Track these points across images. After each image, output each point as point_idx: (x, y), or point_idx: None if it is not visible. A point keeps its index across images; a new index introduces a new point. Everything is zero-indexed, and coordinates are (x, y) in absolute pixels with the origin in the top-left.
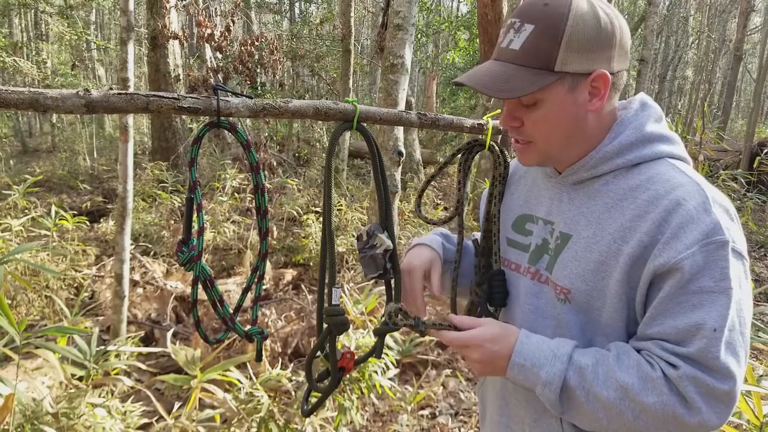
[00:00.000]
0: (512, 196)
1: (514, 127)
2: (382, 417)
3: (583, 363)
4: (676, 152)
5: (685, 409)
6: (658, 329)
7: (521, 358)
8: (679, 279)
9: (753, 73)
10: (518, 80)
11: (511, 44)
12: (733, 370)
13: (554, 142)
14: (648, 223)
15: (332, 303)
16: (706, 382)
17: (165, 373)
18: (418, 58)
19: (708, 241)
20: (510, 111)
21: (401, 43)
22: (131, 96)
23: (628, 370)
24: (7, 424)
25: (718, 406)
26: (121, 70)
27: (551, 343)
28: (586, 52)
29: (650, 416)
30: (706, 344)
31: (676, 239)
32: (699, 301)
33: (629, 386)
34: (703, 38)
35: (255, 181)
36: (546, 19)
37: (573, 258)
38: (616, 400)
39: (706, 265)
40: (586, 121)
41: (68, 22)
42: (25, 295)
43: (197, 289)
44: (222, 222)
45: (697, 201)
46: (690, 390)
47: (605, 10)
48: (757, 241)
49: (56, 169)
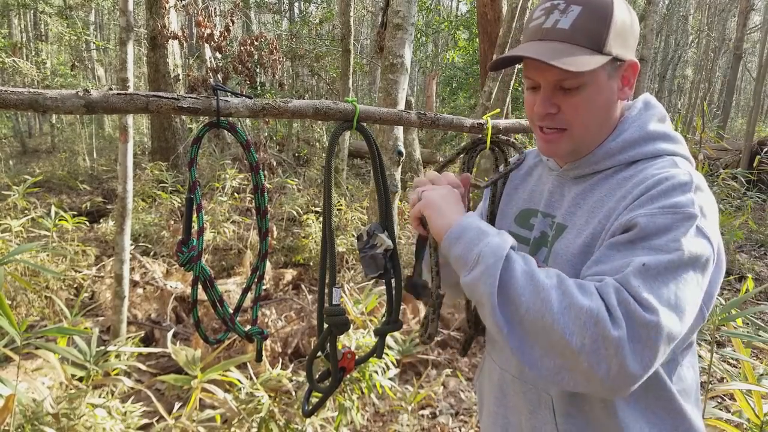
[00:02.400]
0: (517, 191)
1: (551, 114)
2: (382, 417)
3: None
4: (678, 151)
5: (609, 316)
6: (598, 269)
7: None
8: (632, 233)
9: (753, 71)
10: (577, 56)
11: (558, 24)
12: (654, 306)
13: (589, 128)
14: (628, 200)
15: (333, 303)
16: (627, 300)
17: (165, 374)
18: (418, 57)
19: (674, 210)
20: (548, 96)
21: (401, 43)
22: (131, 96)
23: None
24: (8, 425)
25: (639, 337)
26: (121, 70)
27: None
28: (624, 39)
29: (575, 312)
30: (629, 272)
31: (641, 205)
32: (642, 252)
33: (567, 283)
34: (703, 37)
35: (255, 181)
36: (594, 2)
37: (564, 246)
38: (550, 287)
39: (664, 228)
40: (615, 111)
41: (67, 22)
42: (25, 295)
43: (197, 290)
44: (222, 222)
45: (680, 180)
46: (612, 298)
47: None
48: (757, 240)
49: (56, 169)
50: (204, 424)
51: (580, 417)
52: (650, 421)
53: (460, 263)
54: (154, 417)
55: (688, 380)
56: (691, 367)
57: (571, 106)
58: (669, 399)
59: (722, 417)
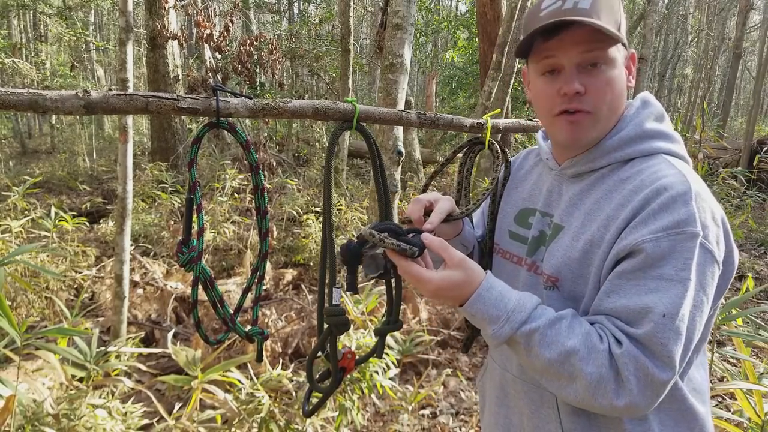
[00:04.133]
0: (517, 190)
1: (579, 94)
2: (383, 417)
3: (534, 326)
4: (674, 150)
5: (616, 387)
6: (611, 306)
7: (472, 311)
8: (640, 261)
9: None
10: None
11: (578, 4)
12: (675, 361)
13: (611, 111)
14: (627, 210)
15: (333, 303)
16: (646, 366)
17: (165, 374)
18: (418, 57)
19: (678, 231)
20: (575, 76)
21: (400, 43)
22: (130, 97)
23: (576, 337)
24: (8, 426)
25: (651, 393)
26: (120, 70)
27: (510, 301)
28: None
29: (583, 384)
30: (653, 328)
31: (644, 224)
32: (656, 286)
33: (573, 352)
34: (703, 36)
35: (255, 181)
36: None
37: (560, 248)
38: (556, 363)
39: (670, 253)
40: (624, 99)
41: (67, 23)
42: (25, 296)
43: (197, 290)
44: (222, 222)
45: (678, 191)
46: (628, 370)
47: None
48: (757, 239)
49: (56, 170)
50: (204, 425)
51: (584, 415)
52: (662, 422)
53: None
54: (155, 417)
55: (698, 379)
56: (701, 366)
57: (595, 87)
58: (681, 399)
59: (723, 416)
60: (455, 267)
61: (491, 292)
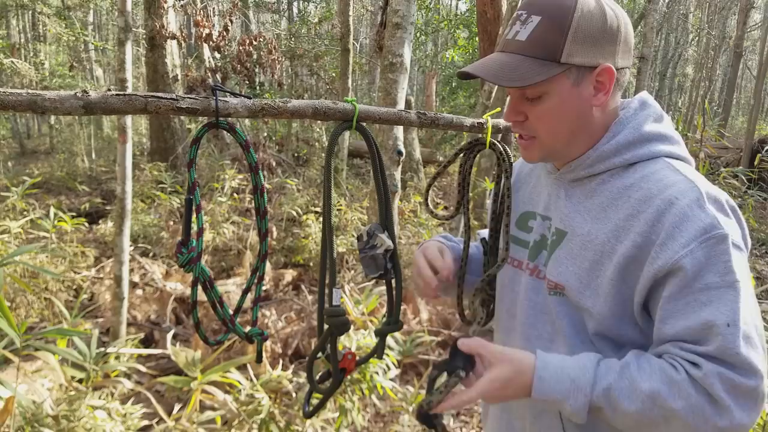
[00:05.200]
0: (517, 194)
1: (518, 121)
2: (383, 418)
3: (605, 384)
4: (675, 151)
5: (714, 409)
6: (672, 331)
7: (542, 395)
8: (682, 278)
9: (753, 70)
10: (525, 70)
11: (517, 35)
12: (755, 364)
13: (558, 136)
14: (641, 222)
15: (333, 303)
16: (731, 378)
17: (165, 375)
18: (417, 56)
19: (707, 237)
20: (514, 105)
21: (400, 42)
22: (129, 97)
23: (651, 377)
24: (8, 427)
25: (747, 404)
26: (119, 70)
27: (570, 369)
28: (591, 45)
29: (680, 420)
30: (722, 341)
31: (672, 239)
32: (707, 299)
33: (655, 393)
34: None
35: (254, 181)
36: (553, 11)
37: (568, 255)
38: (644, 411)
39: (708, 261)
40: (591, 117)
41: (66, 23)
42: (24, 297)
43: (197, 291)
44: (221, 223)
45: (690, 198)
46: (717, 388)
47: (611, 6)
48: (759, 238)
49: (55, 170)
50: (204, 426)
51: (588, 421)
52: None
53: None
54: (154, 418)
55: None
56: None
57: (534, 115)
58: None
59: None
60: (500, 362)
61: (548, 368)
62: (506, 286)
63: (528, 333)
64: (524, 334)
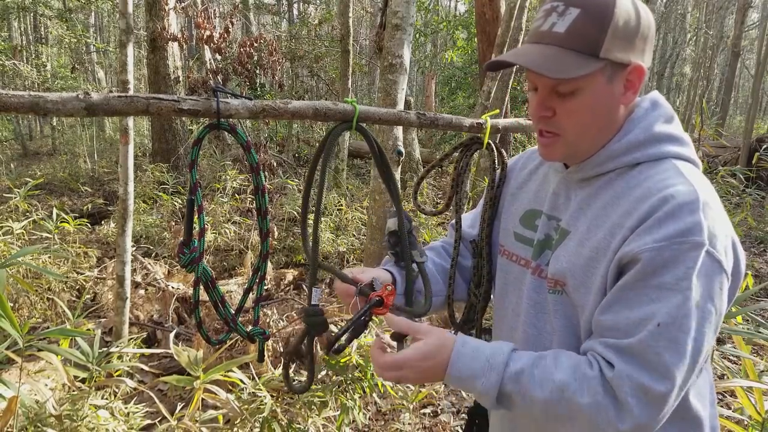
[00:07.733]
0: (521, 190)
1: (546, 117)
2: (384, 416)
3: (518, 367)
4: (684, 153)
5: (616, 411)
6: (613, 317)
7: (457, 372)
8: (640, 270)
9: (751, 69)
10: (568, 62)
11: (554, 27)
12: (672, 370)
13: (585, 134)
14: (633, 218)
15: (311, 303)
16: (641, 381)
17: (168, 374)
18: (417, 57)
19: (681, 240)
20: (543, 100)
21: (400, 43)
22: (131, 98)
23: (565, 370)
24: (11, 427)
25: (653, 410)
26: (121, 72)
27: (487, 349)
28: (627, 42)
29: (585, 417)
30: (646, 337)
31: (648, 232)
32: (657, 296)
33: (564, 385)
34: (701, 35)
35: (255, 182)
36: (593, 5)
37: (566, 253)
38: (551, 401)
39: (671, 262)
40: (617, 115)
41: (67, 25)
42: (27, 297)
43: (199, 290)
44: (223, 223)
45: (685, 199)
46: (624, 390)
47: (641, 5)
48: (756, 236)
49: (57, 171)
50: (206, 425)
51: None
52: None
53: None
54: (157, 418)
55: (700, 383)
56: (704, 369)
57: (565, 111)
58: (684, 408)
59: (724, 414)
60: (425, 335)
61: (467, 347)
62: (512, 284)
63: (528, 332)
64: (525, 333)
